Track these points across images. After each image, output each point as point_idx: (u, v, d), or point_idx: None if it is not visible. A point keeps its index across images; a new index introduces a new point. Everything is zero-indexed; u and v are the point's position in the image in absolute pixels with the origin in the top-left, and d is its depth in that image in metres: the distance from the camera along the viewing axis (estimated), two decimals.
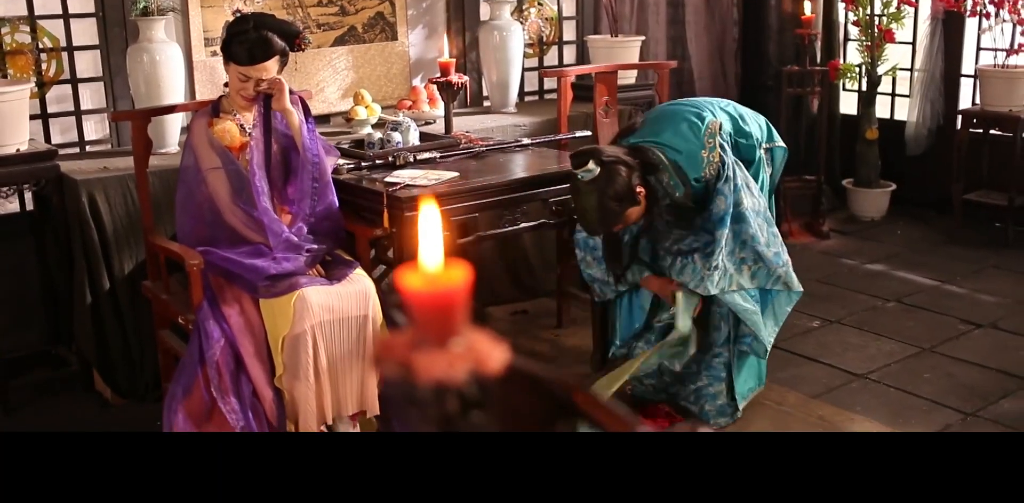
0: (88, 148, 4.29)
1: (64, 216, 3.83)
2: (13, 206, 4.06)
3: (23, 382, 3.94)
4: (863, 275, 5.19)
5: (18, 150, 3.74)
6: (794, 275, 3.54)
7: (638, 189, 3.29)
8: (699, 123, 3.42)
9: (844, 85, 6.29)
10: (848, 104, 6.37)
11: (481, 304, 4.64)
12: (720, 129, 3.43)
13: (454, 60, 4.27)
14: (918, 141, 6.12)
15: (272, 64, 3.28)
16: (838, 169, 6.29)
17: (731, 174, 3.38)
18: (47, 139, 4.17)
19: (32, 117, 3.98)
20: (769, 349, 3.62)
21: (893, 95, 6.36)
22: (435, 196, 3.45)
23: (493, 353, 0.98)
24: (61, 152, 3.97)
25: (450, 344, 0.98)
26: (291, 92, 3.39)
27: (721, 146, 3.40)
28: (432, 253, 0.98)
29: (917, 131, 6.10)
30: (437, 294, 0.97)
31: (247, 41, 3.24)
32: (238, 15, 3.36)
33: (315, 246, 3.32)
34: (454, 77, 4.12)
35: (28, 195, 3.98)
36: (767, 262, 3.46)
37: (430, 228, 0.99)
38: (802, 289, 3.58)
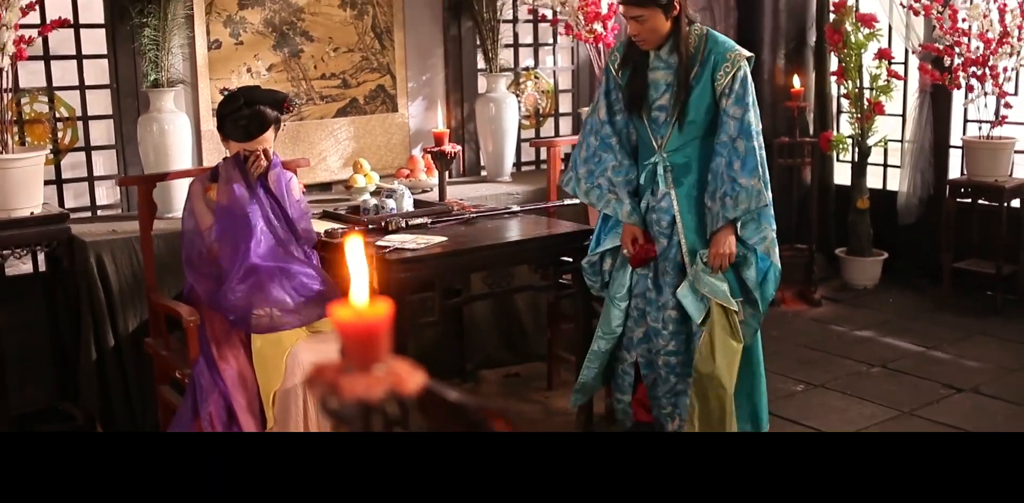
0: (100, 212, 4.51)
1: (73, 276, 4.01)
2: (26, 267, 4.25)
3: None
4: (851, 341, 5.31)
5: (32, 213, 3.94)
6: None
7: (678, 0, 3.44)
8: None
9: (838, 156, 6.46)
10: (843, 174, 6.52)
11: (474, 366, 4.77)
12: (747, 65, 3.54)
13: (448, 130, 4.49)
14: (909, 210, 6.26)
15: (269, 134, 3.49)
16: (833, 238, 6.43)
17: (754, 100, 3.51)
18: (61, 203, 4.38)
19: (47, 182, 4.21)
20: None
21: (885, 166, 6.52)
22: (423, 259, 3.62)
23: (412, 378, 1.13)
24: (74, 216, 4.18)
25: (373, 369, 1.12)
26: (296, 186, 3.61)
27: (744, 78, 3.51)
28: (359, 288, 1.13)
29: (908, 201, 6.25)
30: (363, 325, 1.11)
31: (241, 118, 3.45)
32: (227, 94, 3.57)
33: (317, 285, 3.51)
34: (447, 147, 4.32)
35: (41, 257, 4.18)
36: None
37: (356, 265, 1.14)
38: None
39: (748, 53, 3.54)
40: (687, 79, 3.51)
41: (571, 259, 3.97)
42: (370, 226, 3.91)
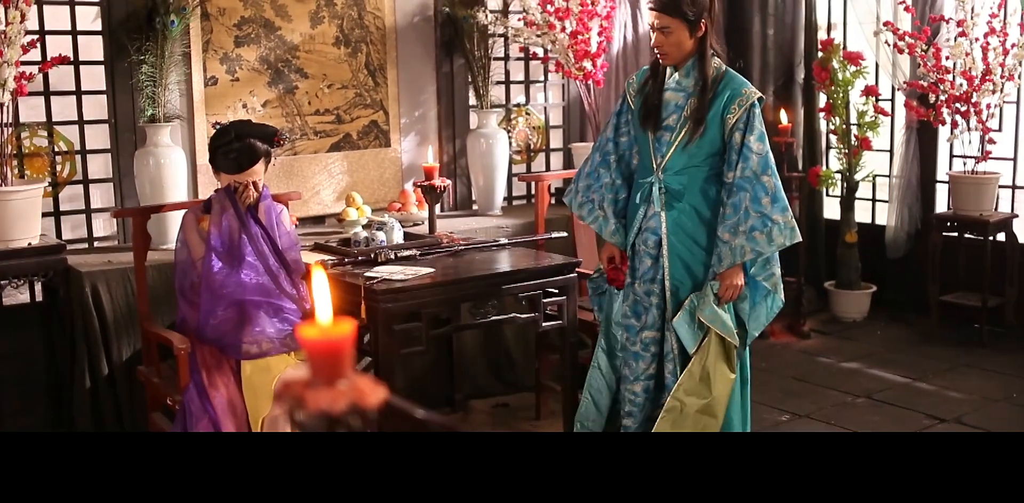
0: (96, 243, 4.60)
1: (69, 306, 4.09)
2: (24, 297, 4.34)
3: None
4: (837, 372, 5.37)
5: (30, 244, 4.03)
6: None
7: (704, 21, 3.52)
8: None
9: (826, 191, 6.54)
10: (832, 209, 6.60)
11: (463, 396, 4.83)
12: (758, 104, 3.60)
13: (438, 165, 4.59)
14: (897, 244, 6.34)
15: (259, 167, 3.59)
16: (822, 271, 6.50)
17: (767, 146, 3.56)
18: (58, 234, 4.47)
19: (46, 214, 4.30)
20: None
21: (873, 200, 6.60)
22: (410, 289, 3.70)
23: (373, 392, 1.20)
24: (71, 247, 4.27)
25: (337, 384, 1.20)
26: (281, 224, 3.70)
27: (759, 115, 3.57)
28: (323, 309, 1.21)
29: (896, 235, 6.32)
30: (327, 343, 1.19)
31: (232, 151, 3.55)
32: (219, 127, 3.67)
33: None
34: (437, 181, 4.41)
35: (38, 286, 4.26)
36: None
37: (321, 289, 1.23)
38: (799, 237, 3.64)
39: (760, 94, 3.63)
40: (705, 98, 3.57)
41: (557, 290, 4.05)
42: (360, 258, 3.99)
